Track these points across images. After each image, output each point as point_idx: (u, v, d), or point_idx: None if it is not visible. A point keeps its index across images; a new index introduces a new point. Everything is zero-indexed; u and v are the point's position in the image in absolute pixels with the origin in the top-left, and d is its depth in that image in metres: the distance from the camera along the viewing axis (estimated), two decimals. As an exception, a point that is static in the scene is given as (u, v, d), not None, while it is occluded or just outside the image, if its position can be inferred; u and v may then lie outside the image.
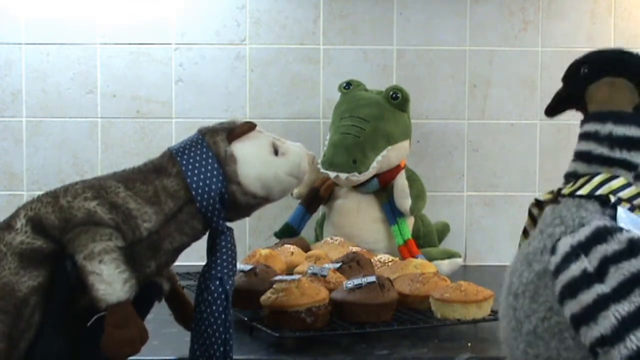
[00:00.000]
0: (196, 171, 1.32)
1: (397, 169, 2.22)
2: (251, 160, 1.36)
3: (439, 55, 2.43)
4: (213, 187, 1.32)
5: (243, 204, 1.37)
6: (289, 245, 2.05)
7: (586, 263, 1.04)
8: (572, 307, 1.03)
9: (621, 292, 1.01)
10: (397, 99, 2.22)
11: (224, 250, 1.36)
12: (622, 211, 1.09)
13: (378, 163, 2.17)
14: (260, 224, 2.42)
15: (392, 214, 2.21)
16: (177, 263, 1.40)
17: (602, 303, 1.01)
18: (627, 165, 1.12)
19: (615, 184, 1.11)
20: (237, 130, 1.37)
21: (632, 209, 1.10)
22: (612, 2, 2.43)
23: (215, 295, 1.34)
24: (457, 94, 2.44)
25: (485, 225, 2.45)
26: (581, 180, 1.13)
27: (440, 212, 2.42)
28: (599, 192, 1.10)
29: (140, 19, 2.39)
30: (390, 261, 1.95)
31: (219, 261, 1.35)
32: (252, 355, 1.51)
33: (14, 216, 1.29)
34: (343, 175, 2.16)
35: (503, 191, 2.44)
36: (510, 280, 1.14)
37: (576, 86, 1.19)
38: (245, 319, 1.64)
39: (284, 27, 2.42)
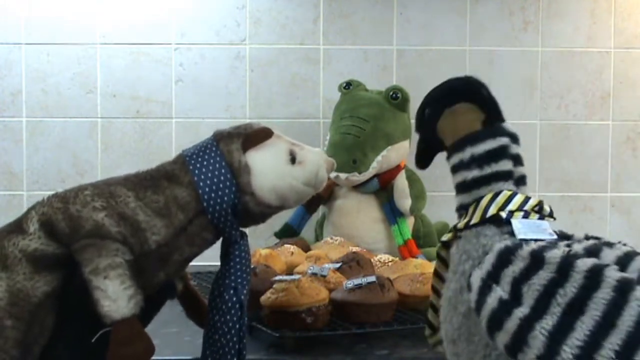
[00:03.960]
0: (208, 182, 1.28)
1: (397, 169, 2.22)
2: (266, 171, 1.31)
3: (439, 55, 2.43)
4: (225, 198, 1.28)
5: (257, 213, 1.33)
6: (289, 245, 2.05)
7: (500, 291, 1.05)
8: (502, 338, 1.04)
9: (539, 307, 1.02)
10: (397, 99, 2.22)
11: (237, 259, 1.33)
12: (516, 223, 1.11)
13: (378, 163, 2.18)
14: (260, 224, 2.42)
15: (392, 214, 2.21)
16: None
17: (526, 325, 1.01)
18: (502, 176, 1.14)
19: (501, 199, 1.13)
20: (254, 138, 1.32)
21: (526, 215, 1.12)
22: (612, 2, 2.43)
23: (230, 304, 1.31)
24: (457, 94, 2.44)
25: (485, 225, 2.45)
26: (470, 209, 1.15)
27: (440, 212, 2.41)
28: (489, 214, 1.12)
29: (140, 19, 2.39)
30: (390, 261, 1.95)
31: (232, 270, 1.32)
32: (252, 355, 1.51)
33: (26, 219, 1.27)
34: (343, 175, 2.16)
35: (503, 191, 2.44)
36: (444, 328, 1.16)
37: (427, 130, 1.22)
38: (245, 318, 1.64)
39: (284, 27, 2.42)
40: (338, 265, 1.82)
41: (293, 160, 1.34)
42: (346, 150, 2.16)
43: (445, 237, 1.18)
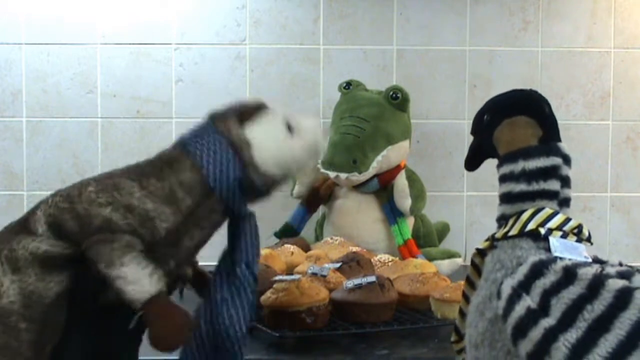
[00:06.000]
0: (212, 161, 1.28)
1: (397, 169, 2.22)
2: (266, 143, 1.31)
3: (439, 55, 2.43)
4: (231, 175, 1.28)
5: (261, 186, 1.32)
6: (289, 245, 2.05)
7: (529, 301, 1.07)
8: (525, 346, 1.06)
9: (566, 321, 1.05)
10: (397, 99, 2.22)
11: (248, 235, 1.33)
12: (554, 240, 1.13)
13: (378, 163, 2.18)
14: (260, 224, 2.40)
15: (392, 214, 2.21)
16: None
17: (551, 336, 1.04)
18: (548, 195, 1.16)
19: (542, 215, 1.15)
20: (249, 112, 1.32)
21: (564, 235, 1.14)
22: (612, 2, 2.43)
23: (243, 278, 1.31)
24: (457, 94, 2.44)
25: (485, 225, 2.45)
26: (511, 221, 1.17)
27: (440, 212, 2.41)
28: (528, 228, 1.14)
29: (140, 19, 2.39)
30: (390, 261, 1.95)
31: (243, 246, 1.32)
32: (252, 355, 1.51)
33: (32, 220, 1.27)
34: (343, 175, 2.16)
35: (503, 191, 2.44)
36: (469, 333, 1.18)
37: (483, 135, 1.24)
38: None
39: (284, 27, 2.42)
40: (338, 265, 1.82)
41: (290, 129, 1.34)
42: (346, 150, 2.16)
43: (481, 245, 1.20)
